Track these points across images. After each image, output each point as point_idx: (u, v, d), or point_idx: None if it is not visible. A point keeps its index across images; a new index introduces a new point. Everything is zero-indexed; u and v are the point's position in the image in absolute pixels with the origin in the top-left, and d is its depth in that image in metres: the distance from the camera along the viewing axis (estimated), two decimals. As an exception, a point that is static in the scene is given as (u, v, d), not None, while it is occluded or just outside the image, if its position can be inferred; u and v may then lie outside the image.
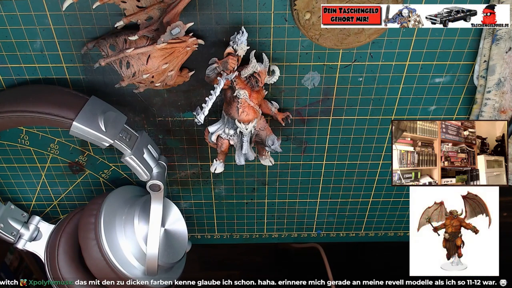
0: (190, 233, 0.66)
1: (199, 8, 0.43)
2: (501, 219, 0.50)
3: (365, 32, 0.43)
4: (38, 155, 0.55)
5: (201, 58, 0.46)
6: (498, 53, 0.45)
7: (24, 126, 0.52)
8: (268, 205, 0.63)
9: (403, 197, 0.62)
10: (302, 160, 0.57)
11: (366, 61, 0.47)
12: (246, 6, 0.43)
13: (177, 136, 0.54)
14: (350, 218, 0.65)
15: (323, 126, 0.53)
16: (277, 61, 0.47)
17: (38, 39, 0.44)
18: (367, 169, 0.58)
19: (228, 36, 0.45)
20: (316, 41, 0.44)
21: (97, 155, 0.56)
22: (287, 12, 0.43)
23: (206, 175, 0.59)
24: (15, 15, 0.43)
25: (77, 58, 0.46)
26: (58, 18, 0.43)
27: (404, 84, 0.50)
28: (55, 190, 0.60)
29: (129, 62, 0.41)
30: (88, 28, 0.44)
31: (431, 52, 0.47)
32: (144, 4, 0.40)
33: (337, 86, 0.49)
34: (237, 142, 0.48)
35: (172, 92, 0.49)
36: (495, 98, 0.47)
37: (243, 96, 0.44)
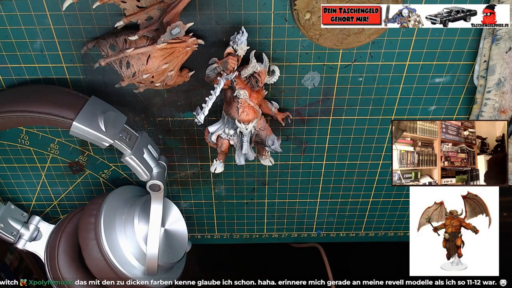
0: (190, 233, 0.66)
1: (199, 8, 0.43)
2: (501, 219, 0.50)
3: (365, 32, 0.43)
4: (38, 155, 0.55)
5: (201, 58, 0.46)
6: (498, 53, 0.45)
7: (24, 126, 0.52)
8: (268, 205, 0.63)
9: (403, 197, 0.62)
10: (302, 160, 0.57)
11: (366, 61, 0.47)
12: (246, 6, 0.43)
13: (177, 136, 0.54)
14: (350, 218, 0.65)
15: (323, 126, 0.53)
16: (277, 61, 0.47)
17: (38, 39, 0.44)
18: (367, 169, 0.58)
19: (228, 36, 0.45)
20: (316, 41, 0.44)
21: (97, 155, 0.56)
22: (287, 12, 0.43)
23: (206, 175, 0.59)
24: (15, 15, 0.43)
25: (77, 58, 0.46)
26: (58, 18, 0.43)
27: (404, 84, 0.50)
28: (55, 190, 0.60)
29: (129, 62, 0.41)
30: (88, 28, 0.44)
31: (431, 52, 0.47)
32: (144, 4, 0.40)
33: (337, 86, 0.49)
34: (237, 142, 0.48)
35: (172, 92, 0.49)
36: (495, 98, 0.47)
37: (243, 96, 0.44)
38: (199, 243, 0.68)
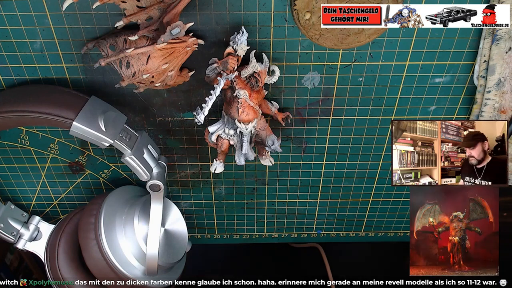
0: (190, 233, 0.66)
1: (199, 8, 0.43)
2: (501, 219, 0.50)
3: (365, 32, 0.43)
4: (38, 155, 0.55)
5: (201, 58, 0.46)
6: (498, 53, 0.45)
7: (24, 126, 0.52)
8: (268, 205, 0.63)
9: (403, 197, 0.62)
10: (302, 160, 0.57)
11: (366, 61, 0.47)
12: (246, 6, 0.43)
13: (177, 136, 0.54)
14: (350, 218, 0.65)
15: (323, 126, 0.53)
16: (277, 61, 0.47)
17: (38, 39, 0.44)
18: (367, 169, 0.58)
19: (228, 36, 0.45)
20: (316, 41, 0.44)
21: (97, 155, 0.56)
22: (287, 12, 0.43)
23: (206, 175, 0.59)
24: (15, 15, 0.43)
25: (77, 58, 0.46)
26: (58, 18, 0.43)
27: (404, 84, 0.49)
28: (55, 190, 0.60)
29: (129, 62, 0.41)
30: (88, 28, 0.44)
31: (431, 52, 0.47)
32: (144, 4, 0.40)
33: (337, 86, 0.49)
34: (237, 142, 0.48)
35: (172, 92, 0.49)
36: (495, 98, 0.47)
37: (243, 96, 0.44)
38: (199, 243, 0.68)
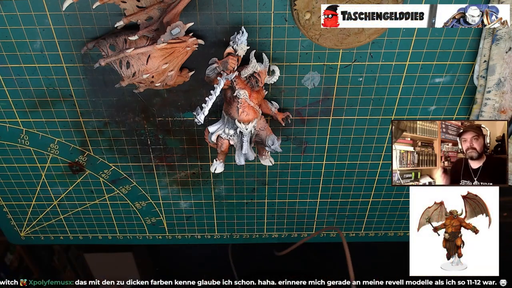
0: (190, 233, 0.66)
1: (199, 8, 0.43)
2: (501, 219, 0.50)
3: (365, 32, 0.43)
4: (38, 155, 0.55)
5: (201, 58, 0.46)
6: (498, 53, 0.45)
7: (24, 126, 0.52)
8: (268, 205, 0.63)
9: (403, 197, 0.62)
10: (302, 160, 0.57)
11: (366, 61, 0.47)
12: (246, 6, 0.43)
13: (177, 136, 0.54)
14: (350, 218, 0.65)
15: (323, 126, 0.53)
16: (277, 61, 0.47)
17: (38, 39, 0.44)
18: (367, 169, 0.58)
19: (228, 36, 0.45)
20: (316, 41, 0.44)
21: (97, 155, 0.56)
22: (287, 12, 0.43)
23: (206, 175, 0.59)
24: (15, 15, 0.43)
25: (77, 58, 0.46)
26: (58, 18, 0.43)
27: (404, 84, 0.50)
28: (55, 190, 0.60)
29: (129, 62, 0.41)
30: (88, 28, 0.44)
31: (431, 52, 0.47)
32: (144, 4, 0.40)
33: (337, 86, 0.49)
34: (237, 142, 0.48)
35: (172, 92, 0.49)
36: (495, 98, 0.47)
37: (243, 96, 0.44)
38: (199, 243, 0.68)
